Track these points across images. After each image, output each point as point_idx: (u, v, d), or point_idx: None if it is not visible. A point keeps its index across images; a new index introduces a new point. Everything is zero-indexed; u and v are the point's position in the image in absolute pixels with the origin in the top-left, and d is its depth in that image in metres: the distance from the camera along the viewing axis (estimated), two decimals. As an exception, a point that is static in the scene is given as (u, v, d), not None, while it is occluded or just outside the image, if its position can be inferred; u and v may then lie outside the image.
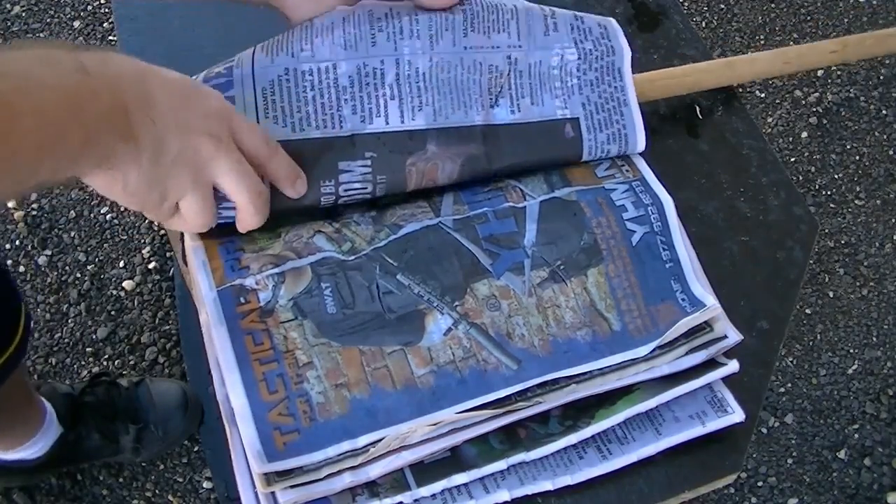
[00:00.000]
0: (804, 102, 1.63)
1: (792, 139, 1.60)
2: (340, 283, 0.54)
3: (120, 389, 1.12)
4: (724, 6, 1.73)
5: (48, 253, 1.37)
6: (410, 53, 0.57)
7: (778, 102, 1.63)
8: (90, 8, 1.61)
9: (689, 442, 0.57)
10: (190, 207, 0.48)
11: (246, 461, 0.50)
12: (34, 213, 1.41)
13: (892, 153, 1.60)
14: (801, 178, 1.56)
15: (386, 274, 0.55)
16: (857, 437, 1.34)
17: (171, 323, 1.31)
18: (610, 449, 0.57)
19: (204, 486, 1.21)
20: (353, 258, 0.55)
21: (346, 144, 0.55)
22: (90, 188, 1.51)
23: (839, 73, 1.67)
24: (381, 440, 0.50)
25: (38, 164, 0.40)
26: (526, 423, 0.56)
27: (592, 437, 0.56)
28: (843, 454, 1.33)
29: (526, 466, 0.55)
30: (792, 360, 1.40)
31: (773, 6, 1.74)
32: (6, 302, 0.82)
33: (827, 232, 1.51)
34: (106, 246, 1.39)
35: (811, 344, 1.42)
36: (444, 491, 0.53)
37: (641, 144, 0.62)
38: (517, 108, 0.60)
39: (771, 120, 1.61)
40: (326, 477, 0.50)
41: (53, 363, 1.28)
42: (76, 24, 1.60)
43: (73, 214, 1.41)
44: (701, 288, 0.59)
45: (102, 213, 1.41)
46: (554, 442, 0.55)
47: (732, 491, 1.28)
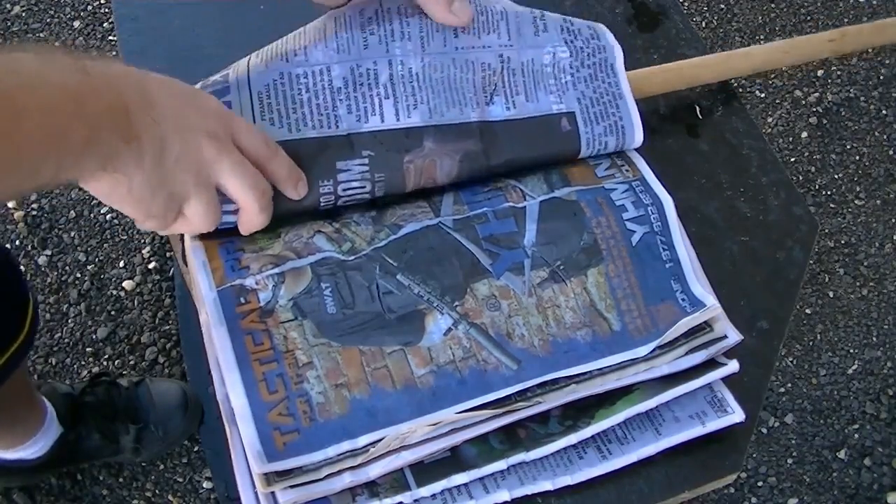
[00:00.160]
0: (804, 102, 1.63)
1: (792, 139, 1.60)
2: (340, 283, 0.54)
3: (120, 389, 1.12)
4: (724, 6, 1.73)
5: (48, 253, 1.37)
6: (402, 54, 0.58)
7: (778, 102, 1.63)
8: (90, 8, 1.61)
9: (689, 442, 0.57)
10: (195, 210, 0.49)
11: (246, 461, 0.50)
12: (34, 213, 1.41)
13: (892, 153, 1.60)
14: (801, 178, 1.56)
15: (386, 274, 0.55)
16: (857, 437, 1.34)
17: (171, 323, 1.31)
18: (610, 449, 0.57)
19: (204, 486, 1.21)
20: (353, 258, 0.55)
21: (343, 144, 0.55)
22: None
23: (839, 73, 1.67)
24: (381, 440, 0.50)
25: (41, 161, 0.40)
26: (526, 423, 0.56)
27: (592, 437, 0.56)
28: (843, 454, 1.33)
29: (526, 466, 0.55)
30: (792, 360, 1.40)
31: (773, 6, 1.74)
32: (14, 295, 0.82)
33: (827, 232, 1.51)
34: (106, 246, 1.39)
35: (811, 344, 1.42)
36: (444, 491, 0.53)
37: (639, 136, 0.62)
38: (512, 104, 0.60)
39: (771, 120, 1.61)
40: (326, 477, 0.50)
41: (53, 363, 1.28)
42: (76, 24, 1.60)
43: (73, 214, 1.41)
44: (701, 288, 0.59)
45: (102, 213, 1.41)
46: (554, 442, 0.55)
47: (732, 491, 1.28)
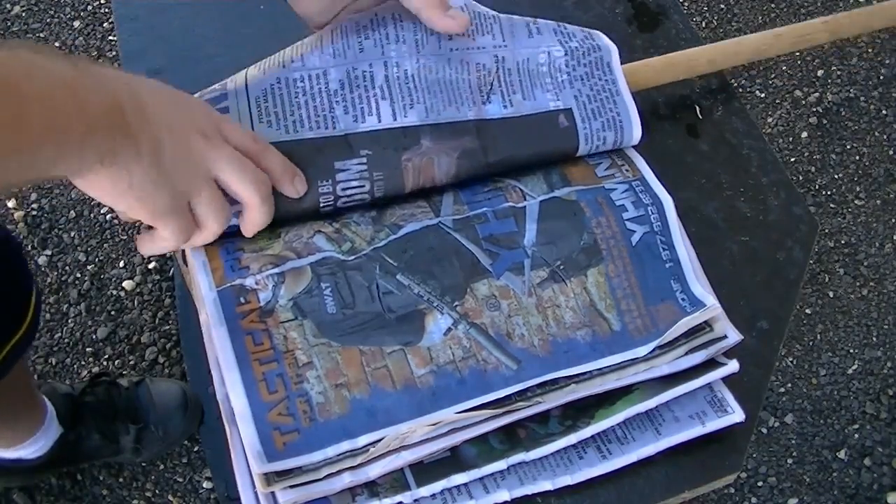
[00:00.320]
0: (804, 102, 1.63)
1: (792, 139, 1.60)
2: (340, 283, 0.54)
3: (120, 389, 1.13)
4: (724, 6, 1.73)
5: (48, 253, 1.37)
6: (398, 56, 0.59)
7: (778, 102, 1.63)
8: (90, 8, 1.61)
9: (689, 442, 0.57)
10: (205, 208, 0.50)
11: (246, 461, 0.50)
12: (34, 213, 1.41)
13: (892, 153, 1.60)
14: (801, 178, 1.56)
15: (386, 274, 0.55)
16: (857, 437, 1.34)
17: (171, 323, 1.31)
18: (610, 449, 0.57)
19: (204, 486, 1.21)
20: (353, 258, 0.55)
21: (340, 144, 0.56)
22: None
23: (839, 73, 1.67)
24: (380, 440, 0.50)
25: (40, 151, 0.41)
26: (526, 423, 0.56)
27: (592, 437, 0.56)
28: (843, 454, 1.33)
29: (526, 466, 0.55)
30: (792, 360, 1.40)
31: (773, 6, 1.74)
32: (16, 283, 0.82)
33: (827, 232, 1.51)
34: (106, 246, 1.39)
35: (811, 344, 1.42)
36: (443, 491, 0.53)
37: (637, 132, 0.62)
38: (509, 103, 0.60)
39: (771, 120, 1.61)
40: (326, 477, 0.50)
41: (53, 363, 1.28)
42: (76, 24, 1.60)
43: (73, 214, 1.41)
44: (701, 288, 0.59)
45: (102, 212, 1.41)
46: (554, 442, 0.55)
47: (732, 491, 1.28)
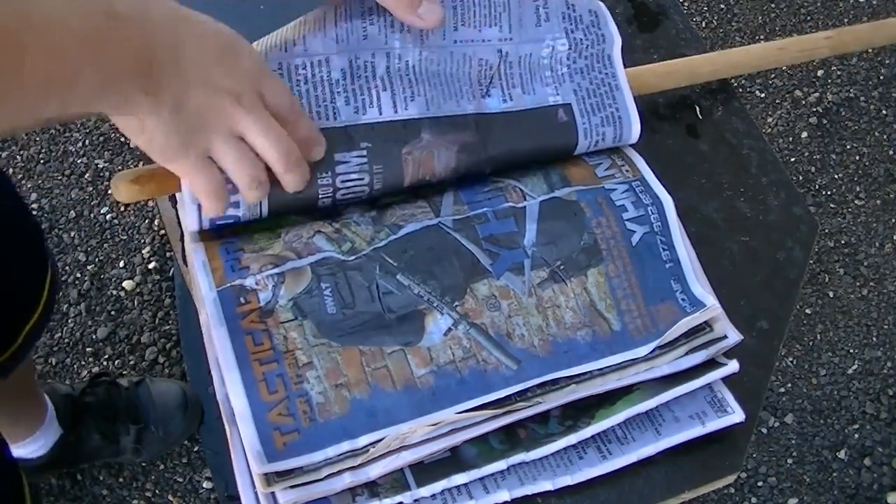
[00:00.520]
0: (804, 102, 1.63)
1: (792, 139, 1.60)
2: (340, 283, 0.54)
3: (120, 390, 1.13)
4: (724, 6, 1.73)
5: (48, 253, 1.37)
6: (401, 47, 0.58)
7: (778, 102, 1.63)
8: (90, 8, 1.61)
9: (689, 442, 0.57)
10: (230, 165, 0.49)
11: (246, 461, 0.50)
12: (34, 212, 1.41)
13: (892, 153, 1.60)
14: (801, 178, 1.56)
15: (386, 274, 0.55)
16: (857, 437, 1.34)
17: (171, 323, 1.31)
18: (610, 449, 0.57)
19: (204, 486, 1.21)
20: (353, 258, 0.55)
21: (341, 136, 0.56)
22: (90, 188, 1.51)
23: (839, 73, 1.67)
24: (381, 440, 0.50)
25: (45, 100, 0.40)
26: (526, 423, 0.56)
27: (592, 437, 0.56)
28: (843, 454, 1.33)
29: (526, 466, 0.55)
30: (792, 360, 1.40)
31: (773, 6, 1.74)
32: (34, 266, 0.82)
33: (827, 232, 1.51)
34: (106, 246, 1.39)
35: (811, 344, 1.42)
36: (444, 491, 0.53)
37: (637, 128, 0.62)
38: (509, 97, 0.60)
39: (771, 120, 1.61)
40: (326, 477, 0.50)
41: (53, 363, 1.28)
42: (76, 24, 1.60)
43: (73, 214, 1.41)
44: (701, 288, 0.59)
45: (102, 213, 1.41)
46: (554, 442, 0.55)
47: (732, 491, 1.28)
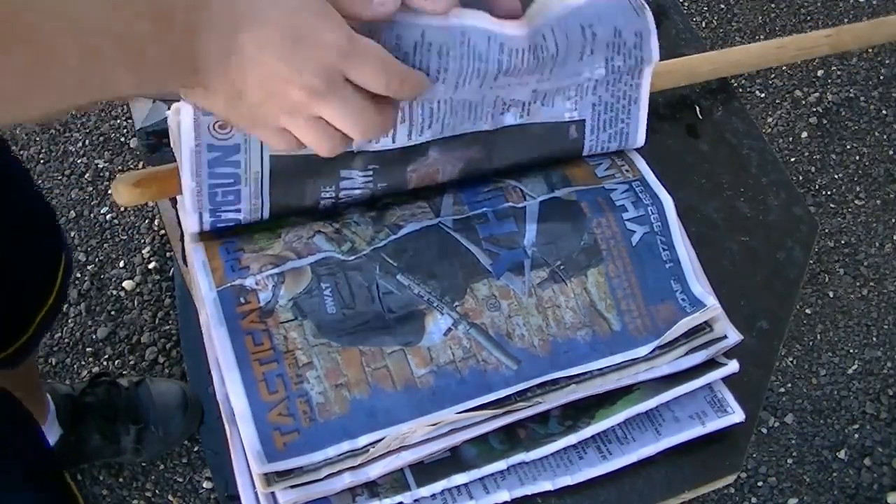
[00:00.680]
0: (804, 102, 1.63)
1: (792, 139, 1.60)
2: (340, 283, 0.54)
3: (120, 390, 1.13)
4: (724, 6, 1.73)
5: (48, 253, 1.37)
6: (430, 93, 0.52)
7: (778, 102, 1.63)
8: (90, 8, 1.61)
9: (689, 442, 0.57)
10: (302, 136, 0.45)
11: (246, 461, 0.50)
12: (34, 213, 1.41)
13: (892, 153, 1.60)
14: (801, 178, 1.56)
15: (386, 274, 0.55)
16: (857, 437, 1.34)
17: (171, 323, 1.31)
18: (610, 449, 0.57)
19: (204, 486, 1.21)
20: (353, 258, 0.55)
21: (348, 157, 0.55)
22: (90, 188, 1.50)
23: (839, 73, 1.67)
24: (381, 440, 0.50)
25: (80, 96, 0.39)
26: (526, 423, 0.56)
27: (592, 437, 0.56)
28: (843, 454, 1.33)
29: (526, 466, 0.55)
30: (792, 360, 1.40)
31: (773, 6, 1.74)
32: (48, 249, 0.82)
33: (827, 232, 1.51)
34: (106, 246, 1.39)
35: (811, 344, 1.42)
36: (444, 491, 0.53)
37: (641, 139, 0.62)
38: (527, 112, 0.58)
39: (771, 120, 1.61)
40: (326, 477, 0.50)
41: (53, 363, 1.28)
42: (76, 24, 1.60)
43: (73, 214, 1.41)
44: (701, 288, 0.59)
45: (102, 213, 1.41)
46: (554, 442, 0.55)
47: (732, 491, 1.28)
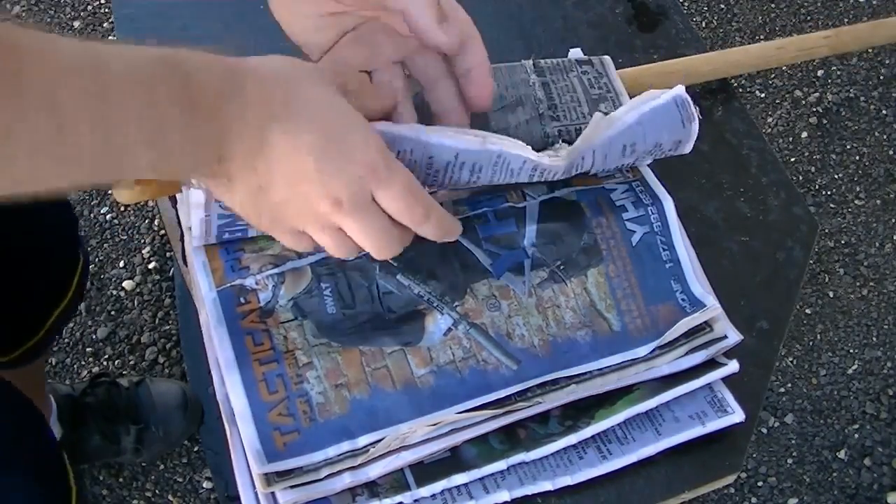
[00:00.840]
0: (804, 102, 1.63)
1: (792, 139, 1.60)
2: (340, 283, 0.54)
3: (120, 390, 1.12)
4: (724, 6, 1.73)
5: (48, 253, 1.37)
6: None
7: (778, 102, 1.63)
8: (90, 8, 1.61)
9: (689, 442, 0.57)
10: (320, 241, 0.44)
11: (246, 461, 0.50)
12: (34, 213, 1.40)
13: (892, 153, 1.60)
14: (801, 178, 1.56)
15: (386, 274, 0.55)
16: (857, 437, 1.34)
17: (171, 323, 1.31)
18: (610, 449, 0.57)
19: (204, 486, 1.21)
20: (352, 258, 0.55)
21: None
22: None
23: (839, 73, 1.67)
24: (381, 440, 0.50)
25: (93, 176, 0.37)
26: (526, 423, 0.56)
27: (592, 437, 0.56)
28: (843, 454, 1.33)
29: (526, 467, 0.55)
30: (792, 360, 1.40)
31: (773, 6, 1.74)
32: (66, 247, 0.83)
33: (827, 232, 1.51)
34: (106, 246, 1.39)
35: (811, 344, 1.41)
36: (444, 491, 0.53)
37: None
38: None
39: (771, 120, 1.61)
40: (326, 477, 0.50)
41: (53, 363, 1.28)
42: (76, 24, 1.60)
43: (73, 214, 1.41)
44: (701, 288, 0.59)
45: (102, 212, 1.41)
46: (554, 442, 0.55)
47: (732, 491, 1.28)
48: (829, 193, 1.55)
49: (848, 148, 1.60)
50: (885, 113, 1.64)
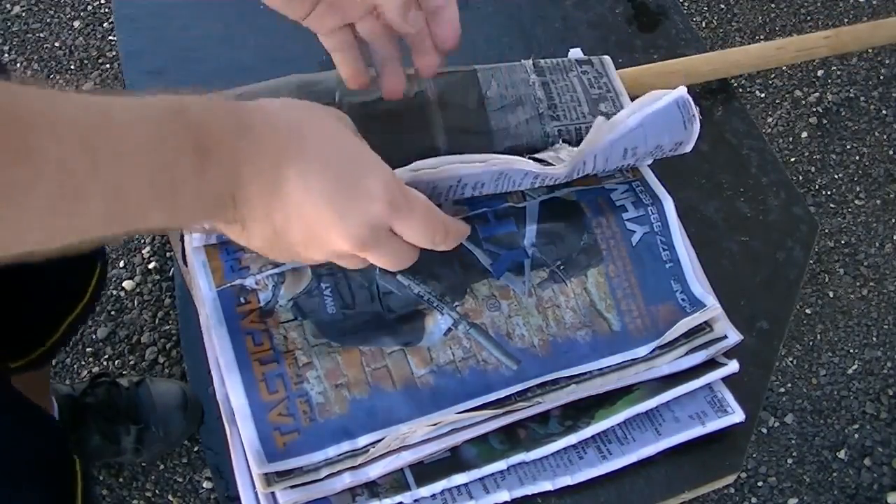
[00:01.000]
0: (804, 102, 1.63)
1: (792, 139, 1.60)
2: (340, 283, 0.54)
3: (120, 390, 1.12)
4: (724, 6, 1.73)
5: (48, 253, 1.37)
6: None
7: (778, 102, 1.63)
8: (90, 8, 1.61)
9: (689, 442, 0.57)
10: (340, 265, 0.45)
11: (246, 461, 0.50)
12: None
13: (892, 153, 1.60)
14: (801, 178, 1.56)
15: (386, 274, 0.55)
16: (857, 437, 1.34)
17: (171, 323, 1.31)
18: (610, 449, 0.57)
19: (204, 486, 1.21)
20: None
21: None
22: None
23: (839, 73, 1.67)
24: (380, 440, 0.50)
25: (105, 233, 0.36)
26: (526, 423, 0.56)
27: (592, 437, 0.56)
28: (843, 454, 1.33)
29: (526, 467, 0.55)
30: (792, 360, 1.40)
31: (773, 6, 1.74)
32: (83, 255, 0.82)
33: (827, 232, 1.51)
34: (106, 246, 1.39)
35: (811, 344, 1.41)
36: (444, 491, 0.53)
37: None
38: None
39: (771, 120, 1.61)
40: (326, 477, 0.50)
41: (53, 363, 1.28)
42: (76, 24, 1.60)
43: (73, 214, 1.41)
44: (701, 288, 0.59)
45: (102, 213, 1.41)
46: (554, 442, 0.55)
47: (732, 491, 1.28)
48: (829, 193, 1.55)
49: (848, 148, 1.60)
50: (885, 113, 1.64)
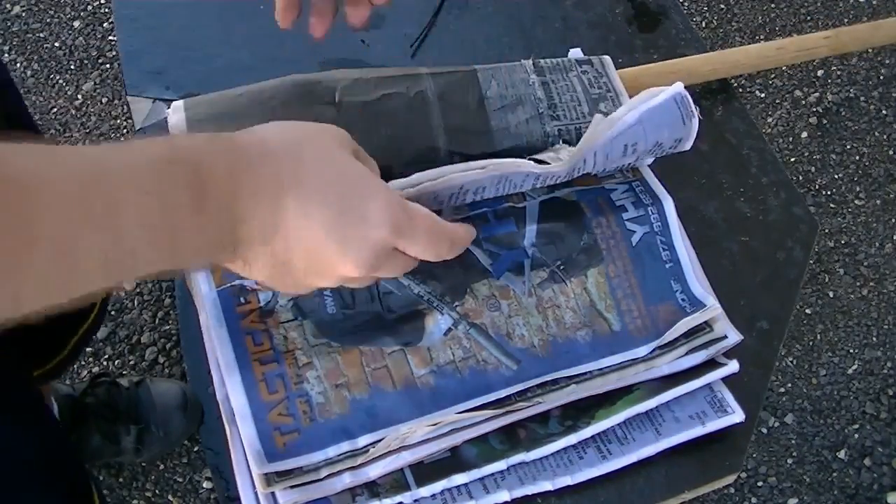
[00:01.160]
0: (804, 102, 1.63)
1: (792, 139, 1.60)
2: (340, 283, 0.54)
3: (120, 390, 1.12)
4: (724, 6, 1.73)
5: (48, 253, 1.37)
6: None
7: (778, 102, 1.63)
8: (90, 8, 1.61)
9: (689, 442, 0.57)
10: (352, 286, 0.45)
11: (246, 461, 0.50)
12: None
13: (892, 153, 1.60)
14: (801, 178, 1.56)
15: (386, 274, 0.55)
16: (857, 437, 1.34)
17: (171, 323, 1.31)
18: (610, 449, 0.57)
19: (204, 486, 1.21)
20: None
21: None
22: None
23: (839, 73, 1.67)
24: (380, 440, 0.50)
25: (105, 285, 0.35)
26: (526, 423, 0.56)
27: (592, 437, 0.56)
28: (843, 454, 1.33)
29: (526, 466, 0.55)
30: (792, 360, 1.40)
31: (773, 6, 1.74)
32: None
33: (827, 232, 1.51)
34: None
35: (811, 344, 1.41)
36: (444, 491, 0.53)
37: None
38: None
39: (771, 120, 1.61)
40: (326, 477, 0.50)
41: (53, 363, 1.28)
42: (76, 24, 1.60)
43: (73, 214, 1.41)
44: (701, 288, 0.59)
45: (102, 213, 1.41)
46: (554, 442, 0.55)
47: (732, 491, 1.28)
48: (829, 193, 1.55)
49: (848, 148, 1.60)
50: (885, 113, 1.63)
